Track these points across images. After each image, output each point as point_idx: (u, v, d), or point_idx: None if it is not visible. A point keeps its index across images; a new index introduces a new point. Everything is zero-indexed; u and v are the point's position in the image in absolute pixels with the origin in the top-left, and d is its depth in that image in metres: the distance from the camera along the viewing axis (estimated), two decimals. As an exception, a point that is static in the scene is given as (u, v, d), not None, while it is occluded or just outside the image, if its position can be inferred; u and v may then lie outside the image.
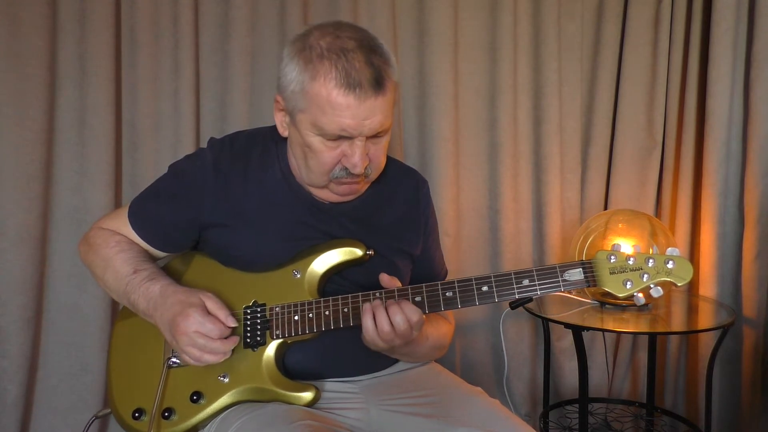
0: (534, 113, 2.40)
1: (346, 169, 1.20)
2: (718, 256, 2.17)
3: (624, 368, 2.47)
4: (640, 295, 1.15)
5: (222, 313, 1.18)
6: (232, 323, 1.19)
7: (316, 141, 1.19)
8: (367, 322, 1.16)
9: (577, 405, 2.14)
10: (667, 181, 2.41)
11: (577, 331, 1.88)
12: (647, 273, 1.14)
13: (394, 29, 2.23)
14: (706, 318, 2.08)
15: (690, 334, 2.26)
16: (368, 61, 1.13)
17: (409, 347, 1.25)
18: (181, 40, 2.03)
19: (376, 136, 1.19)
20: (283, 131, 1.28)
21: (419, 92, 2.29)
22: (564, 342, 2.43)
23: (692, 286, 2.27)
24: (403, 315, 1.14)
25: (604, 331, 2.02)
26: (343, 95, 1.12)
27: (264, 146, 1.33)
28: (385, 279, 1.22)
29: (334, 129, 1.15)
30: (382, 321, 1.15)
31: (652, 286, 1.14)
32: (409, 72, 2.29)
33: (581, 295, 2.14)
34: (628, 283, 1.14)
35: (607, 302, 2.06)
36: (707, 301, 2.17)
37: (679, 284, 1.13)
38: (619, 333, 2.42)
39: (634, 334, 2.36)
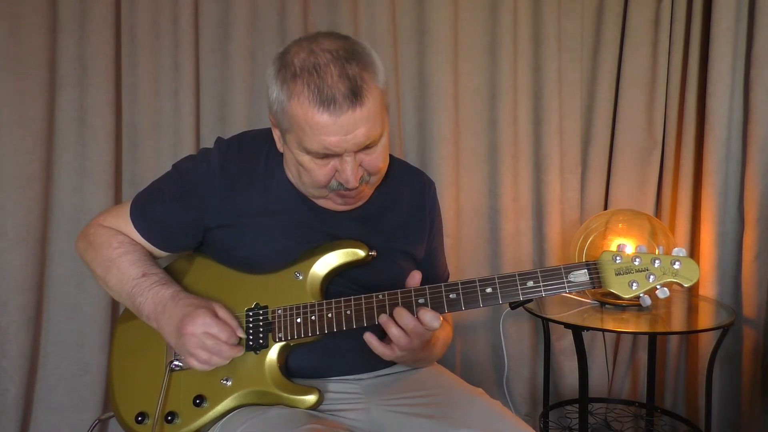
0: (534, 113, 2.40)
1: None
2: (718, 256, 2.18)
3: (624, 368, 2.47)
4: (646, 296, 1.13)
5: (233, 323, 1.18)
6: (242, 334, 1.19)
7: (306, 159, 1.18)
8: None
9: (577, 405, 2.14)
10: (667, 181, 2.41)
11: (577, 331, 1.88)
12: (653, 274, 1.12)
13: (394, 29, 2.22)
14: (706, 318, 2.08)
15: (690, 334, 2.26)
16: (342, 74, 1.10)
17: (424, 352, 1.27)
18: (181, 40, 2.02)
19: (366, 147, 1.17)
20: (280, 147, 1.27)
21: (419, 92, 2.29)
22: (564, 342, 2.43)
23: (692, 286, 2.26)
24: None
25: (604, 331, 2.02)
26: (318, 114, 1.10)
27: (270, 149, 1.32)
28: (414, 278, 1.22)
29: (318, 148, 1.14)
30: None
31: (658, 287, 1.12)
32: (409, 72, 2.28)
33: (581, 295, 2.14)
34: (634, 284, 1.12)
35: (607, 302, 2.07)
36: (707, 301, 2.17)
37: (685, 285, 1.12)
38: (619, 333, 2.42)
39: (634, 334, 2.36)
